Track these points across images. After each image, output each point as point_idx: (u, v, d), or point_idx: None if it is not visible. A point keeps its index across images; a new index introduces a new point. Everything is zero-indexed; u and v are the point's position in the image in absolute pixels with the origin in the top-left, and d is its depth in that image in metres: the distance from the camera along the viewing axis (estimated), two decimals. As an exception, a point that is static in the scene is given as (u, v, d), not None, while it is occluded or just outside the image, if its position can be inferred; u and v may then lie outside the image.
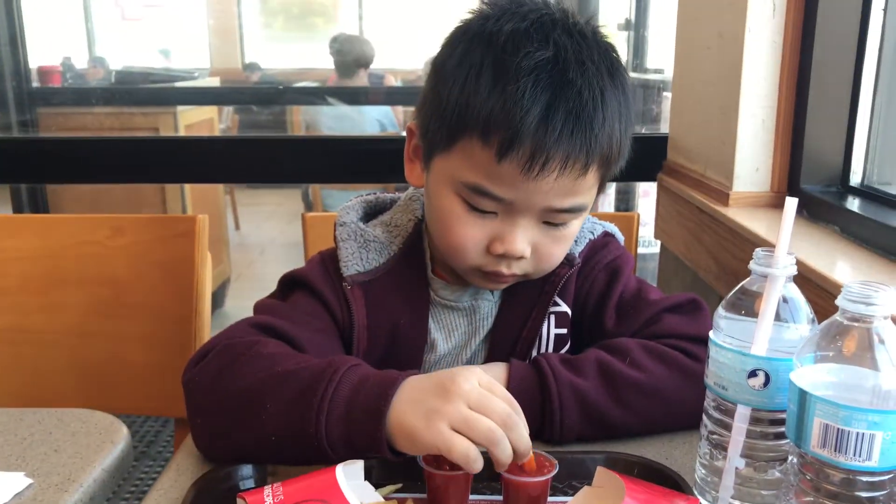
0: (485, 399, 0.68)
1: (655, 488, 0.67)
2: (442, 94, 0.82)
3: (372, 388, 0.71)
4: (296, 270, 0.94)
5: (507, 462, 0.66)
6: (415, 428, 0.67)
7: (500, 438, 0.66)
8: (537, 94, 0.77)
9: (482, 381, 0.70)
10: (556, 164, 0.78)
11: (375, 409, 0.69)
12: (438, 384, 0.69)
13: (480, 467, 0.66)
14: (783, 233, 0.65)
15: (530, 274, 0.88)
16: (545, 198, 0.81)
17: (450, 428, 0.66)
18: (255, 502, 0.61)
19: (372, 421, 0.69)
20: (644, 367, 0.84)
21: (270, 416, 0.72)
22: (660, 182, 1.69)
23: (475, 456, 0.65)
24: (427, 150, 0.87)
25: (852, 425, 0.55)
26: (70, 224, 1.30)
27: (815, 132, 1.28)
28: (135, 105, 3.49)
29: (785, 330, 0.66)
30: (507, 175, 0.79)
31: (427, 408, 0.67)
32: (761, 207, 1.33)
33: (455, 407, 0.67)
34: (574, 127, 0.78)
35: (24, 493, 0.73)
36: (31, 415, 0.88)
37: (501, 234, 0.83)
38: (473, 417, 0.66)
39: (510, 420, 0.67)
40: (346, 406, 0.71)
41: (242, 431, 0.74)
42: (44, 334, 1.28)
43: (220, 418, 0.76)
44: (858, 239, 1.12)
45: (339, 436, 0.70)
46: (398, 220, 0.95)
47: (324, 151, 1.82)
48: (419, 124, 0.88)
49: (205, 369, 0.79)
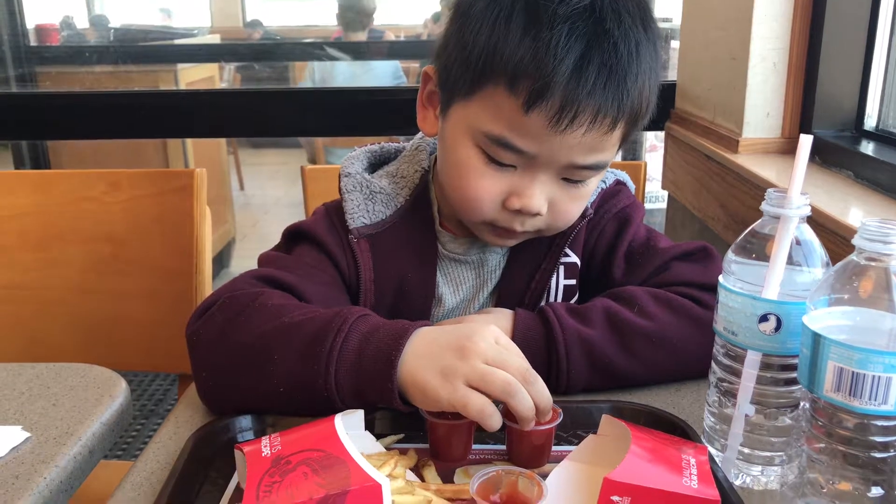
0: (502, 356, 0.66)
1: (662, 436, 0.65)
2: (467, 38, 0.78)
3: (383, 338, 0.69)
4: (300, 222, 0.92)
5: (528, 416, 0.64)
6: (429, 384, 0.66)
7: (517, 390, 0.64)
8: (572, 43, 0.73)
9: (500, 339, 0.68)
10: (586, 118, 0.74)
11: (387, 359, 0.68)
12: (455, 341, 0.67)
13: (498, 425, 0.64)
14: (797, 171, 0.62)
15: (542, 231, 0.85)
16: (569, 153, 0.77)
17: (466, 384, 0.65)
18: (253, 453, 0.60)
19: (383, 372, 0.67)
20: (652, 315, 0.81)
21: (278, 368, 0.71)
22: (667, 131, 1.66)
23: (491, 411, 0.64)
24: (446, 97, 0.83)
25: (868, 368, 0.53)
26: (67, 180, 1.28)
27: (829, 74, 1.24)
28: (134, 63, 3.44)
29: (798, 273, 0.63)
30: (532, 127, 0.75)
31: (443, 365, 0.66)
32: (772, 154, 1.30)
33: (472, 364, 0.65)
34: (608, 80, 0.74)
35: (22, 446, 0.72)
36: (29, 369, 0.87)
37: (519, 188, 0.80)
38: (490, 371, 0.65)
39: (529, 374, 0.66)
40: (356, 356, 0.69)
41: (250, 384, 0.73)
42: (43, 291, 1.27)
43: (226, 372, 0.75)
44: (873, 184, 1.09)
45: (350, 387, 0.69)
46: (404, 170, 0.92)
47: (326, 104, 1.79)
48: (438, 69, 0.84)
49: (209, 322, 0.77)
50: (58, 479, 0.68)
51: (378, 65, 3.84)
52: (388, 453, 0.66)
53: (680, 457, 0.61)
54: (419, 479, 0.65)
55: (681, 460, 0.61)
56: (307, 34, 5.19)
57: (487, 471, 0.60)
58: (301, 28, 6.04)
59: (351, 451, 0.58)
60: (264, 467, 0.58)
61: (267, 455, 0.59)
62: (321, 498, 0.54)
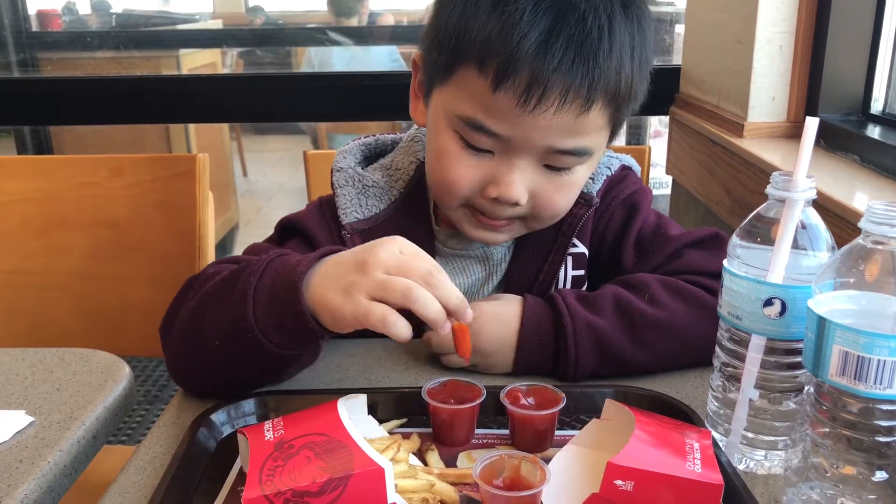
0: (403, 263, 0.65)
1: (666, 420, 0.65)
2: (442, 20, 0.77)
3: (292, 267, 0.68)
4: (293, 215, 0.91)
5: (436, 318, 0.63)
6: (333, 303, 0.65)
7: (418, 294, 0.62)
8: (537, 18, 0.71)
9: (404, 249, 0.66)
10: (555, 96, 0.72)
11: (293, 284, 0.66)
12: (356, 257, 0.66)
13: (406, 333, 0.62)
14: (803, 154, 0.62)
15: (528, 223, 0.83)
16: (544, 135, 0.75)
17: (368, 297, 0.63)
18: (256, 437, 0.59)
19: (290, 296, 0.66)
20: (663, 304, 0.80)
21: (210, 322, 0.71)
22: (672, 116, 1.64)
23: (394, 319, 0.62)
24: (427, 83, 0.82)
25: (873, 352, 0.53)
26: (69, 165, 1.28)
27: (836, 58, 1.23)
28: (136, 49, 3.43)
29: (803, 257, 0.63)
30: (502, 107, 0.74)
31: (346, 282, 0.65)
32: (777, 138, 1.29)
33: (371, 275, 0.64)
34: (576, 56, 0.72)
35: (26, 430, 0.72)
36: (32, 354, 0.87)
37: (497, 175, 0.78)
38: (388, 279, 0.63)
39: (433, 278, 0.64)
40: (270, 290, 0.68)
41: (195, 353, 0.73)
42: (46, 277, 1.27)
43: (181, 348, 0.76)
44: (880, 168, 1.08)
45: (268, 321, 0.68)
46: (399, 162, 0.90)
47: (330, 88, 1.78)
48: (422, 55, 0.83)
49: (168, 312, 0.79)
50: (62, 462, 0.69)
51: (375, 50, 3.82)
52: (390, 437, 0.66)
53: (683, 441, 0.61)
54: (422, 463, 0.65)
55: (684, 445, 0.61)
56: (309, 20, 5.16)
57: (490, 455, 0.59)
58: (303, 14, 6.00)
59: (354, 435, 0.58)
60: (267, 451, 0.57)
61: (270, 439, 0.59)
62: (324, 482, 0.54)
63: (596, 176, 0.90)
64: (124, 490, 0.64)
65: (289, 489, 0.54)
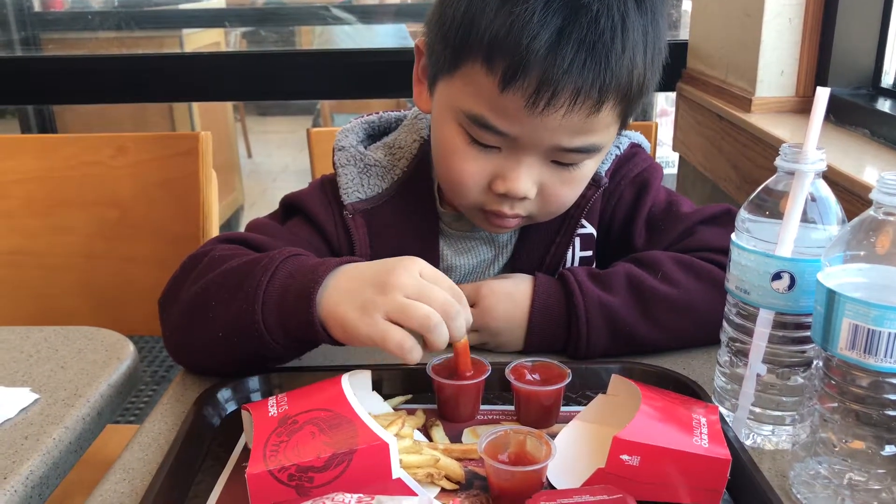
0: (424, 289, 0.64)
1: (673, 395, 0.65)
2: (447, 10, 0.74)
3: (306, 273, 0.68)
4: (296, 193, 0.90)
5: (440, 349, 0.64)
6: (348, 318, 0.64)
7: (435, 324, 0.63)
8: (548, 19, 0.68)
9: (424, 272, 0.66)
10: (565, 99, 0.70)
11: (306, 293, 0.66)
12: (376, 276, 0.66)
13: (418, 357, 0.63)
14: (813, 125, 0.61)
15: (535, 216, 0.82)
16: (552, 135, 0.73)
17: (385, 318, 0.63)
18: (260, 413, 0.59)
19: (302, 306, 0.66)
20: (676, 281, 0.79)
21: (216, 313, 0.71)
22: (679, 91, 1.63)
23: (411, 346, 0.62)
24: (432, 73, 0.80)
25: (884, 325, 0.52)
26: (72, 144, 1.27)
27: (846, 31, 1.21)
28: (139, 28, 3.40)
29: (812, 231, 0.62)
30: (510, 107, 0.72)
31: (363, 299, 0.64)
32: (785, 112, 1.28)
33: (392, 297, 0.63)
34: (587, 58, 0.69)
35: (31, 408, 0.72)
36: (37, 332, 0.87)
37: (504, 171, 0.76)
38: (409, 305, 0.63)
39: (451, 308, 0.64)
40: (280, 293, 0.68)
41: (197, 335, 0.73)
42: (50, 257, 1.27)
43: (181, 327, 0.75)
44: (890, 142, 1.07)
45: (276, 324, 0.68)
46: (402, 140, 0.88)
47: (332, 66, 1.76)
48: (427, 43, 0.81)
49: (170, 285, 0.79)
50: (66, 439, 0.69)
51: (382, 28, 3.78)
52: (395, 413, 0.66)
53: (690, 416, 0.61)
54: (427, 439, 0.65)
55: (691, 420, 0.60)
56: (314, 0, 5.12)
57: (496, 431, 0.59)
58: (308, -9, 5.94)
59: (358, 410, 0.58)
60: (271, 427, 0.57)
61: (274, 415, 0.59)
62: (328, 457, 0.54)
63: (605, 156, 0.88)
64: (129, 466, 0.64)
65: (293, 464, 0.54)
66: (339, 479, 0.54)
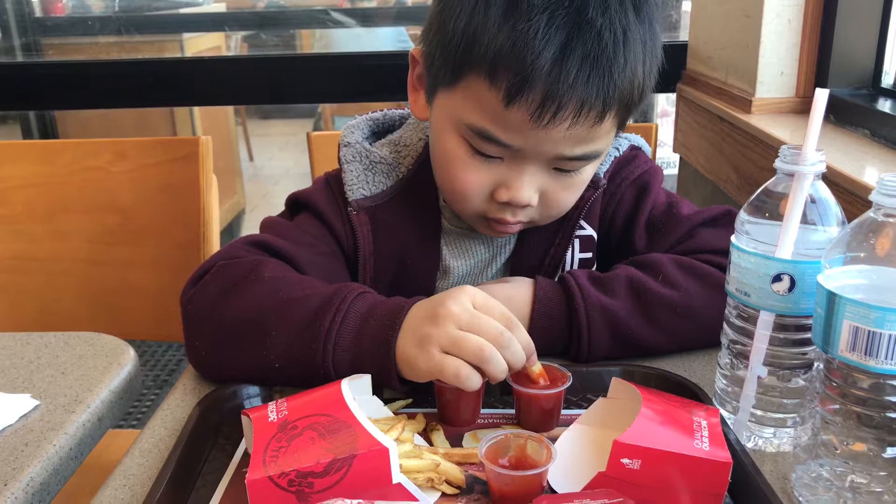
0: (476, 319, 0.65)
1: (673, 398, 0.65)
2: (447, 23, 0.74)
3: (381, 317, 0.69)
4: (302, 191, 0.90)
5: (500, 378, 0.64)
6: (411, 355, 0.66)
7: (490, 356, 0.63)
8: (551, 34, 0.69)
9: (476, 301, 0.67)
10: (570, 112, 0.71)
11: (384, 339, 0.67)
12: (430, 308, 0.67)
13: (477, 385, 0.64)
14: (812, 126, 0.60)
15: (536, 221, 0.82)
16: (556, 146, 0.74)
17: (441, 351, 0.64)
18: (260, 419, 0.59)
19: (381, 351, 0.67)
20: (678, 284, 0.79)
21: (275, 343, 0.70)
22: (679, 93, 1.63)
23: (467, 374, 0.63)
24: (431, 84, 0.80)
25: (885, 327, 0.52)
26: (72, 149, 1.27)
27: (846, 31, 1.21)
28: (139, 33, 3.41)
29: (812, 232, 0.62)
30: (514, 121, 0.72)
31: (420, 334, 0.66)
32: (785, 113, 1.27)
33: (444, 330, 0.64)
34: (591, 72, 0.70)
35: (31, 414, 0.72)
36: (37, 338, 0.87)
37: (507, 180, 0.77)
38: (462, 336, 0.64)
39: (502, 338, 0.65)
40: (355, 336, 0.69)
41: (244, 357, 0.72)
42: (51, 262, 1.27)
43: (219, 343, 0.74)
44: (890, 142, 1.07)
45: (348, 365, 0.68)
46: (407, 138, 0.89)
47: (331, 69, 1.76)
48: (424, 53, 0.81)
49: (202, 291, 0.76)
50: (67, 445, 0.69)
51: (381, 31, 3.78)
52: (395, 418, 0.65)
53: (691, 419, 0.60)
54: (427, 443, 0.65)
55: (692, 423, 0.60)
56: (313, 2, 5.12)
57: (496, 435, 0.59)
58: (309, -5, 5.96)
59: (358, 415, 0.58)
60: (271, 432, 0.57)
61: (273, 420, 0.59)
62: (328, 462, 0.54)
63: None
64: (129, 472, 0.64)
65: (293, 470, 0.54)
66: (339, 484, 0.54)
